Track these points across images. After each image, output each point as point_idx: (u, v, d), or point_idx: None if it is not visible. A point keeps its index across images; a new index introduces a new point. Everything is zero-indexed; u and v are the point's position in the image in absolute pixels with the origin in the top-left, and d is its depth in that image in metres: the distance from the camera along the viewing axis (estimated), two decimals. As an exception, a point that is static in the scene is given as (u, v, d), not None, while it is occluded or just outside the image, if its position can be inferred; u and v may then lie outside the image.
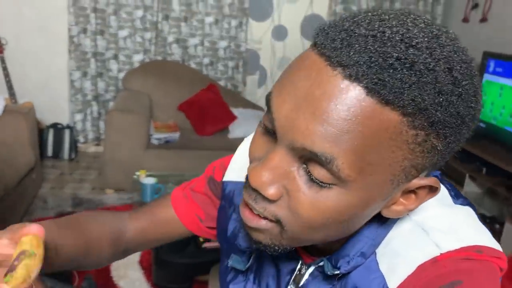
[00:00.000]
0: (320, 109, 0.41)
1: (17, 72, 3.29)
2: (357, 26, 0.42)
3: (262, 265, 0.64)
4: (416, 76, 0.40)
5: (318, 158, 0.42)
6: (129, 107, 2.95)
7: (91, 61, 3.41)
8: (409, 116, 0.41)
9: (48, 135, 3.37)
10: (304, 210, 0.45)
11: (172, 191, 0.80)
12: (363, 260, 0.52)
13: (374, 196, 0.46)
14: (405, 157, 0.43)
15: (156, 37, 3.47)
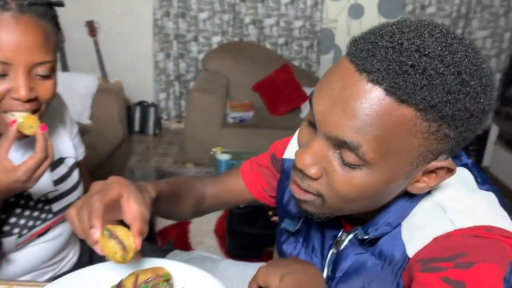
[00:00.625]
0: (348, 106, 0.52)
1: (108, 54, 3.58)
2: (381, 38, 0.52)
3: (310, 231, 0.76)
4: (427, 80, 0.49)
5: (347, 145, 0.54)
6: (208, 88, 3.11)
7: (174, 43, 3.62)
8: (422, 111, 0.51)
9: (135, 112, 3.66)
10: (339, 186, 0.57)
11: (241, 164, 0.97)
12: (389, 229, 0.63)
13: (396, 176, 0.56)
14: (420, 143, 0.53)
15: (234, 18, 3.59)
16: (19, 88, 0.79)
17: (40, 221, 0.97)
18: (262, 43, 3.66)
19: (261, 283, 0.71)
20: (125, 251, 0.59)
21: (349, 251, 0.70)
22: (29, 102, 0.81)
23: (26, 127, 0.79)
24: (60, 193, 1.02)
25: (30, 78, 0.80)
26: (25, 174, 0.77)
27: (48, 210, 0.99)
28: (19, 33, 0.77)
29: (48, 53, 0.82)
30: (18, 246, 0.95)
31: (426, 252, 0.59)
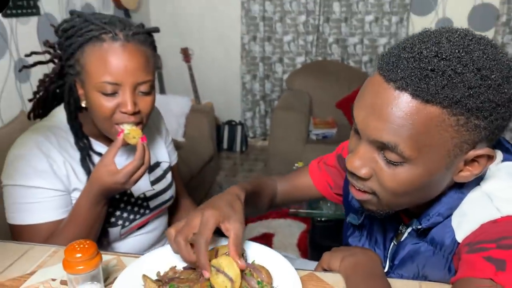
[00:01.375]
0: (381, 113, 0.60)
1: (200, 77, 3.88)
2: (403, 51, 0.60)
3: (373, 225, 0.84)
4: (447, 80, 0.56)
5: (387, 146, 0.62)
6: (291, 105, 3.23)
7: (260, 65, 3.81)
8: (447, 108, 0.57)
9: (224, 130, 3.89)
10: (387, 183, 0.65)
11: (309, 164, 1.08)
12: (440, 219, 0.69)
13: (437, 167, 0.62)
14: (452, 136, 0.59)
15: (317, 39, 3.69)
16: (126, 104, 0.95)
17: (139, 215, 1.14)
18: (345, 61, 3.71)
19: (325, 266, 0.80)
20: (233, 282, 0.70)
21: (407, 241, 0.76)
22: (134, 115, 0.97)
23: (130, 138, 0.96)
24: (156, 192, 1.18)
25: (134, 95, 0.97)
26: (124, 178, 0.93)
27: (146, 206, 1.15)
28: (126, 58, 0.94)
29: (149, 74, 0.98)
30: (122, 236, 1.12)
31: (473, 237, 0.64)
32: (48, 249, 0.87)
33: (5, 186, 1.00)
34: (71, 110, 1.04)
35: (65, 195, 1.02)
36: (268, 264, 0.77)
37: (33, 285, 0.76)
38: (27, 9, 2.36)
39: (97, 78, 0.94)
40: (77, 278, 0.70)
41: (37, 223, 0.98)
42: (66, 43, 0.99)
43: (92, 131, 1.07)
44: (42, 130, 1.03)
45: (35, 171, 0.98)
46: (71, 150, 1.04)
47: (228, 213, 0.75)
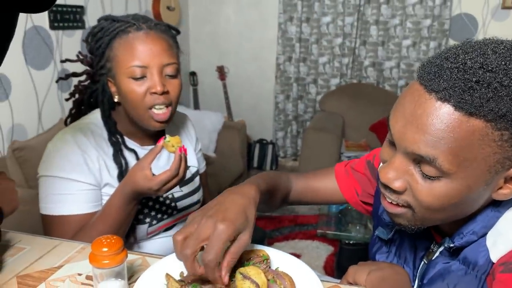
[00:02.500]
0: (421, 123, 0.58)
1: (234, 95, 3.93)
2: (446, 61, 0.57)
3: (402, 242, 0.79)
4: (492, 92, 0.53)
5: (424, 159, 0.59)
6: (323, 127, 3.21)
7: (293, 85, 3.83)
8: (492, 122, 0.54)
9: (255, 149, 3.90)
10: (423, 197, 0.62)
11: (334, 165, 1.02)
12: (475, 237, 0.65)
13: (476, 183, 0.59)
14: (495, 151, 0.56)
15: (353, 61, 3.69)
16: (156, 85, 1.02)
17: (166, 215, 1.17)
18: (381, 85, 3.68)
19: (350, 280, 0.77)
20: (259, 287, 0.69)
21: (438, 260, 0.72)
22: (163, 95, 1.04)
23: (169, 146, 0.98)
24: (184, 193, 1.21)
25: (162, 77, 1.04)
26: (157, 185, 0.96)
27: (174, 206, 1.18)
28: (150, 43, 1.03)
29: (173, 57, 1.07)
30: (148, 236, 1.14)
31: (509, 256, 0.60)
32: (76, 245, 0.88)
33: (41, 177, 1.05)
34: (105, 108, 1.11)
35: (97, 190, 1.06)
36: (292, 272, 0.75)
37: (59, 278, 0.77)
38: (73, 22, 2.48)
39: (126, 64, 1.02)
40: (101, 273, 0.71)
41: (69, 215, 1.02)
42: (96, 46, 1.07)
43: (126, 129, 1.13)
44: (79, 126, 1.10)
45: (70, 164, 1.03)
46: (105, 146, 1.09)
47: (242, 227, 0.69)
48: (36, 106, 2.26)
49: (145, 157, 0.98)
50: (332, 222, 2.35)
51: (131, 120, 1.10)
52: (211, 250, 0.65)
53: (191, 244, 0.67)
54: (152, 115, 1.05)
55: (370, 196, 0.97)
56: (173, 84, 1.07)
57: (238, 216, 0.70)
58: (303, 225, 2.99)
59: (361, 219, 2.35)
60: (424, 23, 3.46)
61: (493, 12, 3.32)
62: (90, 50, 1.11)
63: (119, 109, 1.12)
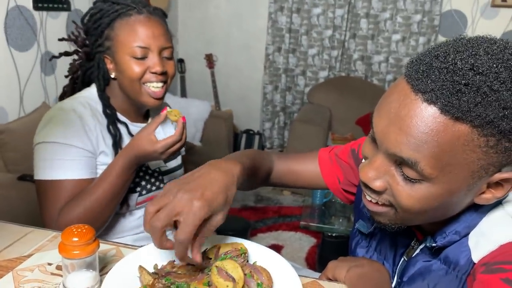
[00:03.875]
0: (404, 125, 0.55)
1: (222, 84, 3.89)
2: (436, 59, 0.54)
3: (383, 237, 0.78)
4: (481, 97, 0.51)
5: (406, 162, 0.56)
6: (310, 119, 3.20)
7: (282, 76, 3.80)
8: (478, 127, 0.52)
9: (241, 139, 3.88)
10: (403, 200, 0.60)
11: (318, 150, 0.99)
12: (457, 237, 0.64)
13: (458, 188, 0.57)
14: (479, 157, 0.54)
15: (342, 54, 3.67)
16: (156, 65, 1.10)
17: (155, 187, 1.23)
18: (369, 79, 3.67)
19: (329, 276, 0.76)
20: (235, 283, 0.67)
21: (419, 258, 0.71)
22: (161, 75, 1.11)
23: (172, 115, 1.07)
24: (169, 168, 1.30)
25: (160, 58, 1.12)
26: (162, 148, 1.03)
27: (161, 179, 1.26)
28: (152, 26, 1.10)
29: (170, 41, 1.15)
30: (137, 205, 1.21)
31: (491, 257, 0.59)
32: (47, 233, 0.85)
33: (39, 144, 1.08)
34: (100, 83, 1.17)
35: (93, 158, 1.11)
36: (270, 266, 0.73)
37: (28, 268, 0.74)
38: (59, 3, 2.41)
39: (129, 44, 1.09)
40: (72, 263, 0.68)
41: (65, 179, 1.05)
42: (94, 26, 1.13)
43: (118, 105, 1.19)
44: (76, 99, 1.16)
45: (70, 131, 1.07)
46: (100, 117, 1.16)
47: (219, 208, 0.66)
48: (17, 89, 2.20)
49: (149, 124, 1.05)
50: (316, 215, 2.35)
51: (124, 96, 1.17)
52: (185, 229, 0.62)
53: (163, 217, 0.63)
54: (148, 92, 1.13)
55: (352, 185, 0.95)
56: (170, 64, 1.16)
57: (217, 196, 0.66)
58: (286, 216, 2.99)
59: (344, 212, 2.35)
60: (414, 18, 3.46)
61: (483, 10, 3.33)
62: (87, 30, 1.17)
63: (113, 85, 1.18)
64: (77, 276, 0.69)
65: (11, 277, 0.71)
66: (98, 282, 0.71)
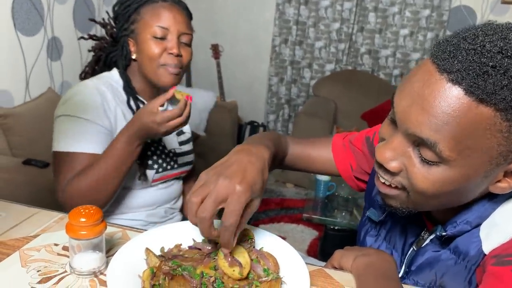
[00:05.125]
0: (427, 104, 0.54)
1: (228, 75, 3.88)
2: (464, 41, 0.53)
3: (393, 227, 0.77)
4: (508, 80, 0.50)
5: (425, 143, 0.55)
6: (315, 112, 3.19)
7: (288, 68, 3.79)
8: (502, 111, 0.51)
9: (245, 130, 3.87)
10: (418, 182, 0.59)
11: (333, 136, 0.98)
12: (468, 227, 0.63)
13: (474, 173, 0.56)
14: (500, 143, 0.53)
15: (349, 48, 3.65)
16: (173, 46, 1.16)
17: (170, 166, 1.29)
18: (375, 73, 3.65)
19: (335, 264, 0.75)
20: (241, 267, 0.66)
21: (428, 248, 0.71)
22: (177, 57, 1.17)
23: (179, 94, 1.08)
24: (183, 151, 1.37)
25: (178, 42, 1.18)
26: (160, 119, 1.02)
27: (175, 160, 1.32)
28: (175, 12, 1.18)
29: (189, 28, 1.23)
30: (153, 183, 1.26)
31: (502, 249, 0.59)
32: (54, 214, 0.85)
33: (61, 117, 1.12)
34: (123, 63, 1.24)
35: (109, 134, 1.14)
36: (276, 253, 0.73)
37: (35, 248, 0.74)
38: (66, -11, 2.40)
39: (152, 24, 1.16)
40: (79, 244, 0.68)
41: (81, 152, 1.08)
42: (122, 12, 1.21)
43: (137, 86, 1.24)
44: (100, 78, 1.21)
45: (90, 107, 1.11)
46: (120, 95, 1.21)
47: (258, 191, 0.65)
48: (24, 73, 2.20)
49: (154, 100, 1.06)
50: (318, 207, 2.35)
51: (143, 77, 1.22)
52: (232, 213, 0.62)
53: (209, 206, 0.62)
54: (166, 69, 1.18)
55: (365, 173, 0.94)
56: (187, 50, 1.22)
57: (256, 179, 0.65)
58: (289, 208, 2.99)
59: (347, 206, 2.35)
60: (423, 13, 3.43)
61: (492, 6, 3.30)
62: (116, 17, 1.25)
63: (133, 67, 1.24)
64: (84, 257, 0.69)
65: (18, 256, 0.71)
66: (104, 263, 0.71)
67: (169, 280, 0.64)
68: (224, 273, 0.67)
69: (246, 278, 0.68)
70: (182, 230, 0.79)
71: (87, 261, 0.69)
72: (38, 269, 0.69)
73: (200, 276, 0.66)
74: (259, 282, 0.67)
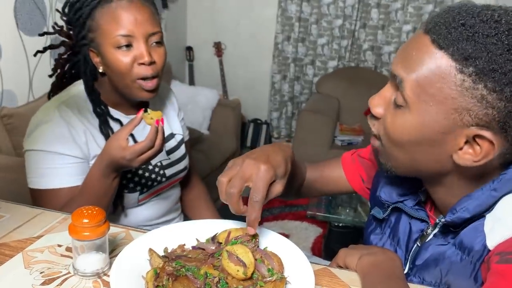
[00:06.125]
0: (405, 51, 0.62)
1: (230, 73, 3.87)
2: (451, 7, 0.60)
3: (397, 224, 0.78)
4: (471, 34, 0.55)
5: (396, 80, 0.62)
6: (318, 109, 3.18)
7: (291, 65, 3.78)
8: (457, 62, 0.56)
9: (248, 128, 3.87)
10: (387, 125, 0.65)
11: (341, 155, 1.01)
12: (467, 215, 0.63)
13: (432, 124, 0.60)
14: (453, 96, 0.57)
15: (352, 44, 3.63)
16: (143, 54, 1.00)
17: (156, 182, 1.17)
18: (378, 69, 3.64)
19: (340, 263, 0.75)
20: (246, 267, 0.66)
21: (432, 242, 0.71)
22: (150, 66, 1.02)
23: (148, 118, 0.94)
24: (171, 161, 1.22)
25: (148, 46, 1.02)
26: (130, 155, 0.93)
27: (162, 174, 1.19)
28: (134, 11, 1.00)
29: (157, 26, 1.05)
30: (139, 202, 1.16)
31: (505, 246, 0.58)
32: (58, 215, 0.85)
33: (27, 151, 1.04)
34: (88, 79, 1.08)
35: (83, 163, 1.05)
36: (281, 252, 0.73)
37: (38, 249, 0.74)
38: (68, -12, 2.40)
39: (112, 34, 0.99)
40: (82, 245, 0.68)
41: (55, 188, 1.01)
42: (75, 17, 1.03)
43: (110, 99, 1.10)
44: (62, 99, 1.07)
45: (55, 137, 1.01)
46: (90, 117, 1.08)
47: (281, 174, 0.71)
48: (27, 73, 2.20)
49: (122, 128, 0.96)
50: (322, 204, 2.35)
51: (116, 90, 1.08)
52: (258, 190, 0.68)
53: (236, 183, 0.68)
54: (141, 84, 1.03)
55: None
56: (159, 52, 1.05)
57: (280, 163, 0.71)
58: (293, 206, 2.98)
59: (351, 203, 2.35)
60: (425, 9, 3.40)
61: (496, 2, 3.27)
62: (69, 20, 1.06)
63: (102, 79, 1.09)
64: (87, 258, 0.69)
65: (21, 258, 0.71)
66: (107, 264, 0.71)
67: (172, 281, 0.64)
68: (228, 273, 0.67)
69: (250, 278, 0.67)
70: (186, 230, 0.79)
71: (91, 262, 0.69)
72: (42, 270, 0.69)
73: (204, 276, 0.65)
74: (264, 282, 0.66)
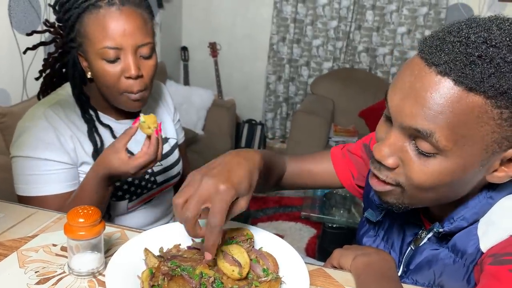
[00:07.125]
0: (419, 96, 0.56)
1: (225, 73, 3.87)
2: (449, 34, 0.55)
3: (391, 227, 0.78)
4: (495, 68, 0.51)
5: (421, 134, 0.57)
6: (313, 110, 3.19)
7: (286, 66, 3.78)
8: (492, 99, 0.53)
9: (243, 129, 3.87)
10: (415, 175, 0.60)
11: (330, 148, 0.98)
12: (465, 223, 0.63)
13: (471, 163, 0.57)
14: (493, 130, 0.54)
15: (347, 46, 3.64)
16: (130, 67, 0.96)
17: (146, 189, 1.14)
18: (373, 71, 3.65)
19: (334, 264, 0.75)
20: (241, 267, 0.66)
21: (426, 246, 0.71)
22: (138, 80, 0.98)
23: (145, 128, 0.90)
24: (164, 167, 1.18)
25: (136, 58, 0.97)
26: (134, 169, 0.90)
27: (153, 181, 1.15)
28: (124, 21, 0.94)
29: (148, 36, 0.99)
30: (129, 210, 1.12)
31: (499, 248, 0.59)
32: (52, 214, 0.85)
33: (14, 158, 1.01)
34: (76, 83, 1.05)
35: (72, 169, 1.02)
36: (276, 252, 0.73)
37: (33, 248, 0.74)
38: (62, -13, 2.39)
39: (98, 44, 0.95)
40: (77, 244, 0.68)
41: (43, 195, 0.98)
42: (65, 17, 0.99)
43: (100, 104, 1.07)
44: (50, 103, 1.04)
45: (42, 143, 0.98)
46: (78, 122, 1.05)
47: (244, 192, 0.65)
48: (21, 72, 2.19)
49: (119, 139, 0.92)
50: (317, 205, 2.36)
51: (105, 98, 1.05)
52: (216, 214, 0.61)
53: (192, 207, 0.62)
54: (128, 97, 1.00)
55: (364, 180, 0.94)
56: (148, 65, 1.00)
57: (242, 180, 0.65)
58: (287, 206, 2.99)
59: (345, 204, 2.35)
60: (420, 11, 3.43)
61: (490, 4, 3.30)
62: (59, 19, 1.03)
63: (92, 84, 1.06)
64: (82, 258, 0.69)
65: (16, 257, 0.71)
66: (103, 264, 0.71)
67: (168, 281, 0.64)
68: (223, 273, 0.67)
69: (246, 278, 0.67)
70: (181, 230, 0.78)
71: (86, 262, 0.69)
72: (36, 270, 0.69)
73: (199, 276, 0.66)
74: (259, 282, 0.67)
